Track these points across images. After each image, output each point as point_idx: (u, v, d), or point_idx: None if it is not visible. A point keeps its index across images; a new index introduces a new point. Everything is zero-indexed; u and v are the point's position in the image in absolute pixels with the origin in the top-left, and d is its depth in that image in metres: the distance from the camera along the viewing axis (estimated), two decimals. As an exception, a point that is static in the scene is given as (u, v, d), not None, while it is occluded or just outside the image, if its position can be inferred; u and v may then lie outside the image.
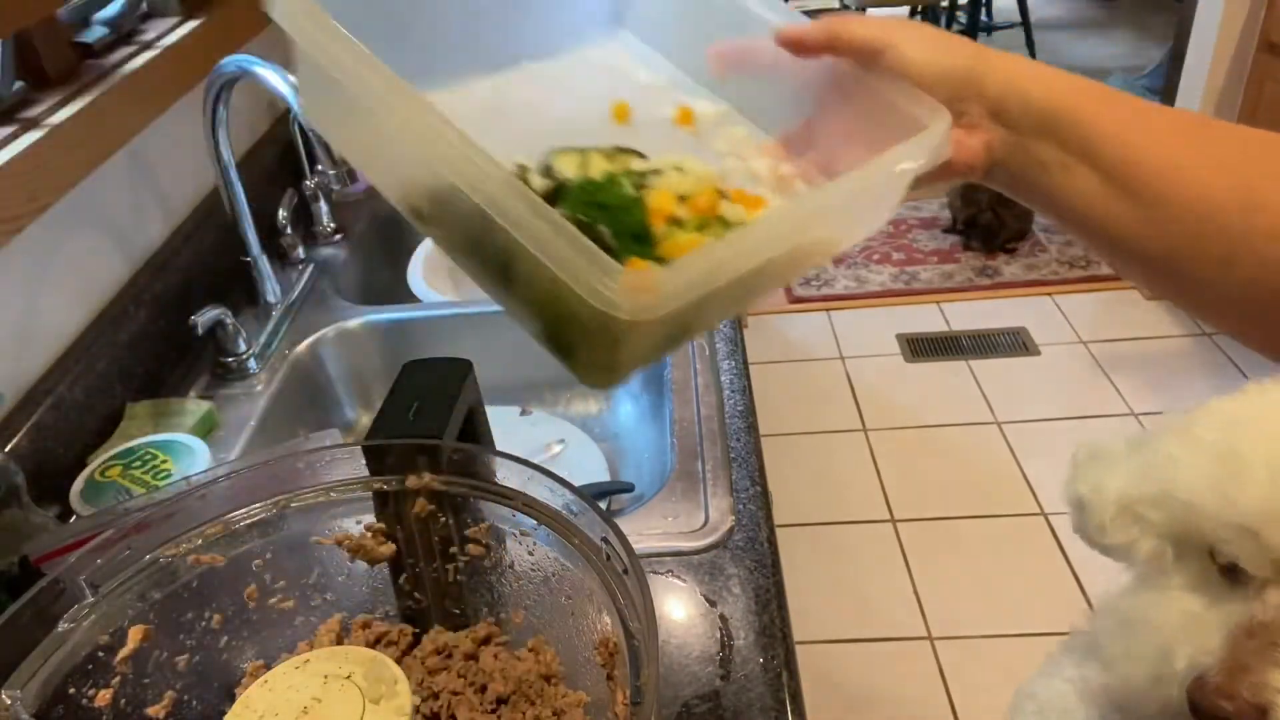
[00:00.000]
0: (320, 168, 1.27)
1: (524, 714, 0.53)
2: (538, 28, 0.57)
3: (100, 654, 0.51)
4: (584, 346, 0.41)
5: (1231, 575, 0.42)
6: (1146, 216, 0.48)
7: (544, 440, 1.04)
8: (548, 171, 0.47)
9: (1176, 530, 0.44)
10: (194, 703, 0.55)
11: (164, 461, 0.82)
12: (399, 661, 0.54)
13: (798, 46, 0.52)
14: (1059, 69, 0.50)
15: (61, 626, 0.49)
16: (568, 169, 0.47)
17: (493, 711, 0.54)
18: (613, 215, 0.44)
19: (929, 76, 0.49)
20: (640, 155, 0.50)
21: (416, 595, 0.60)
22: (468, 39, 0.54)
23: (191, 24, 1.17)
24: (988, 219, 3.01)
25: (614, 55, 0.59)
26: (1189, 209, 0.47)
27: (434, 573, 0.59)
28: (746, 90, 0.55)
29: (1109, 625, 0.48)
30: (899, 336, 2.73)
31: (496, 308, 1.18)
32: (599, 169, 0.48)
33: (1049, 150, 0.50)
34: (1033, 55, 4.59)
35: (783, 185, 0.52)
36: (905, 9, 4.63)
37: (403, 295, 1.21)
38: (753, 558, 0.75)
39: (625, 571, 0.48)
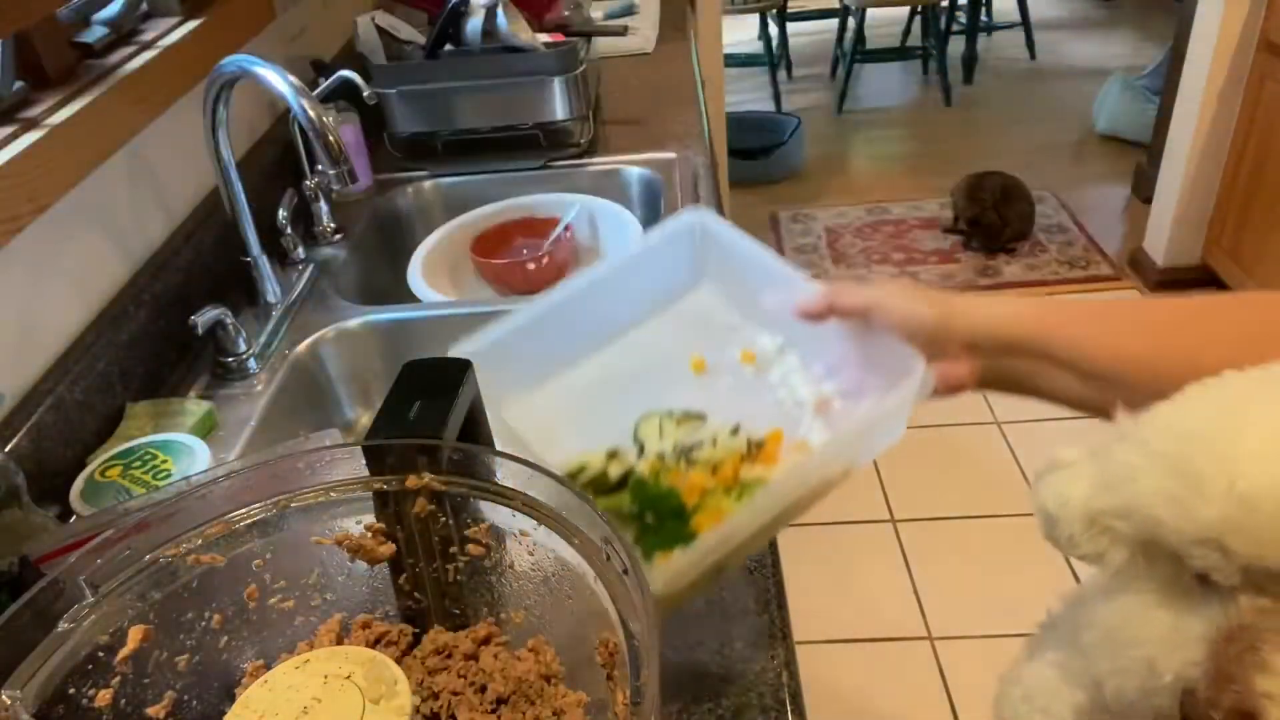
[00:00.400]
0: (320, 168, 1.27)
1: (524, 714, 0.53)
2: (641, 301, 0.76)
3: (100, 654, 0.51)
4: None
5: (1204, 579, 0.42)
6: (1118, 395, 0.55)
7: (544, 440, 1.04)
8: (635, 435, 0.67)
9: (1144, 539, 0.44)
10: (194, 703, 0.55)
11: (164, 461, 0.82)
12: (399, 661, 0.54)
13: (808, 316, 0.66)
14: (1011, 298, 0.62)
15: (61, 626, 0.49)
16: (649, 436, 0.67)
17: (493, 711, 0.54)
18: (656, 504, 0.61)
19: (908, 329, 0.62)
20: (701, 417, 0.68)
21: (416, 595, 0.60)
22: (592, 328, 0.73)
23: (191, 24, 1.17)
24: (991, 219, 3.01)
25: (697, 303, 0.77)
26: (1149, 386, 0.53)
27: (434, 573, 0.59)
28: (795, 326, 0.70)
29: (1094, 638, 0.48)
30: (899, 336, 2.73)
31: (496, 308, 1.20)
32: (670, 435, 0.66)
33: (1023, 363, 0.60)
34: (1032, 56, 4.60)
35: (823, 405, 0.67)
36: (905, 9, 4.64)
37: (403, 295, 1.21)
38: (753, 558, 0.75)
39: (625, 571, 0.48)
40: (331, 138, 0.92)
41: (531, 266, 1.26)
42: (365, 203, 1.41)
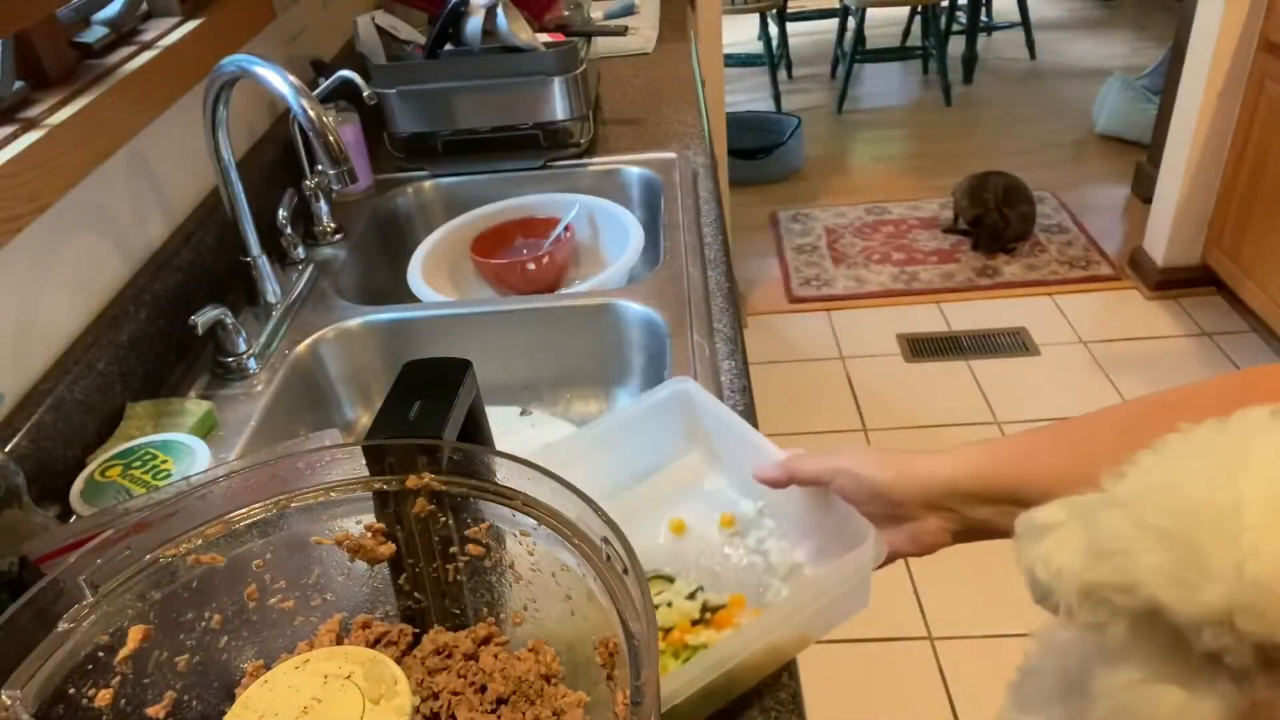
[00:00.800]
0: (320, 167, 1.27)
1: (524, 714, 0.53)
2: (632, 465, 0.79)
3: (100, 654, 0.51)
4: None
5: (1214, 656, 0.41)
6: None
7: (544, 440, 1.04)
8: None
9: (1146, 611, 0.42)
10: (194, 703, 0.55)
11: (164, 461, 0.82)
12: (399, 661, 0.54)
13: (769, 483, 0.69)
14: (963, 448, 0.62)
15: (61, 626, 0.49)
16: None
17: (493, 711, 0.54)
18: None
19: (866, 495, 0.64)
20: (670, 579, 0.70)
21: (416, 595, 0.60)
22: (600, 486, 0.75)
23: (191, 24, 1.17)
24: (993, 219, 3.01)
25: (688, 467, 0.82)
26: None
27: (434, 573, 0.59)
28: (774, 491, 0.73)
29: (1106, 713, 0.46)
30: (899, 336, 2.73)
31: (496, 308, 1.19)
32: None
33: (985, 510, 0.61)
34: (1032, 56, 4.60)
35: (794, 572, 0.70)
36: (905, 9, 4.64)
37: (403, 295, 1.21)
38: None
39: (625, 571, 0.48)
40: (331, 138, 0.92)
41: (531, 266, 1.26)
42: (365, 203, 1.41)
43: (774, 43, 4.54)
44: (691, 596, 0.68)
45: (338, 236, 1.31)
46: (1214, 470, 0.41)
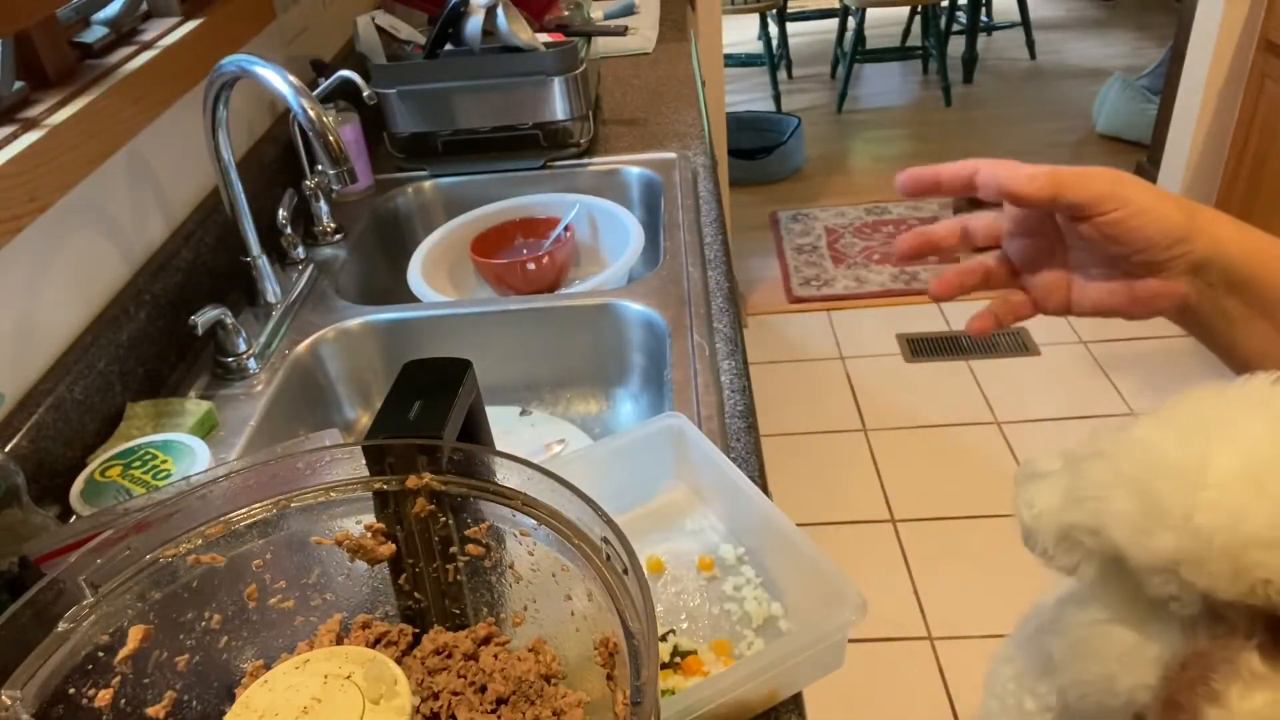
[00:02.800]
0: (320, 168, 1.27)
1: (524, 714, 0.53)
2: (623, 495, 0.79)
3: (100, 654, 0.51)
4: None
5: (1162, 602, 0.42)
6: None
7: (544, 440, 1.04)
8: None
9: (1113, 557, 0.45)
10: (194, 703, 0.55)
11: (164, 461, 0.82)
12: (399, 661, 0.54)
13: (1023, 199, 0.55)
14: (1256, 230, 0.54)
15: (61, 626, 0.49)
16: None
17: (493, 711, 0.54)
18: None
19: (1143, 240, 0.53)
20: None
21: (416, 595, 0.60)
22: None
23: (191, 24, 1.17)
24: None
25: (674, 501, 0.81)
26: None
27: (434, 573, 0.59)
28: (757, 539, 0.73)
29: (1061, 646, 0.49)
30: (899, 336, 2.73)
31: (496, 308, 1.20)
32: None
33: (1236, 306, 0.54)
34: (1032, 56, 4.60)
35: (768, 624, 0.69)
36: (905, 9, 4.64)
37: (403, 295, 1.21)
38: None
39: (625, 571, 0.48)
40: (331, 138, 0.92)
41: (531, 266, 1.26)
42: (365, 203, 1.41)
43: (774, 43, 4.54)
44: (662, 639, 0.67)
45: (338, 236, 1.31)
46: (1191, 430, 0.42)
